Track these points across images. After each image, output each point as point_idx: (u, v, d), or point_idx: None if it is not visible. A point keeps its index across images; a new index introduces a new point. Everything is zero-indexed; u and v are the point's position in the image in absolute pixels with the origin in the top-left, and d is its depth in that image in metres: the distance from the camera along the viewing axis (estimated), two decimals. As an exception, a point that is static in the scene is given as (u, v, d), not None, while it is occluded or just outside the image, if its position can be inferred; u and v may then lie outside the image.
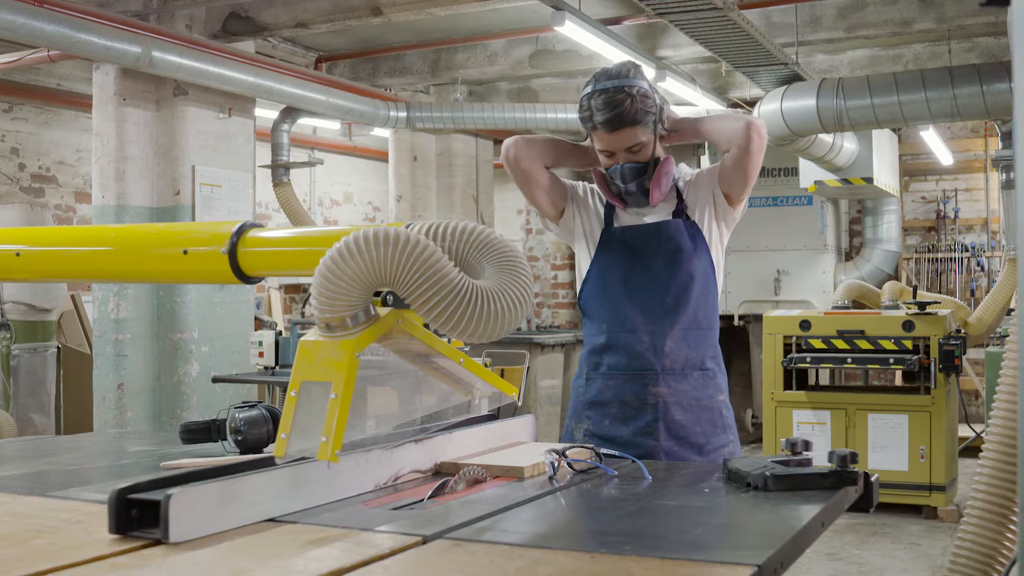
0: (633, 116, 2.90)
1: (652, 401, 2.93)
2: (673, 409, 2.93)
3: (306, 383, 1.95)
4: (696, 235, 2.99)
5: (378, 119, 9.58)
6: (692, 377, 2.96)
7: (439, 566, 1.63)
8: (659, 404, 2.93)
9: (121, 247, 2.61)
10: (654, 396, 2.93)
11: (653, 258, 2.97)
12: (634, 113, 2.90)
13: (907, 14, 8.08)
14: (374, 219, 14.42)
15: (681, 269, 2.95)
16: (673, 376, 2.94)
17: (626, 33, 8.59)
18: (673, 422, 2.92)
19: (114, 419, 7.53)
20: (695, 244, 2.98)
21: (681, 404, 2.93)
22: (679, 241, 2.95)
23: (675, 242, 2.95)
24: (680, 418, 2.92)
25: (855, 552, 6.64)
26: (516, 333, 9.98)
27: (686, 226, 3.00)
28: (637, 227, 3.02)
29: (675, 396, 2.93)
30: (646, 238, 2.98)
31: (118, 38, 6.75)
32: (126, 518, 1.76)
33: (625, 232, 3.02)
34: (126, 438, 3.62)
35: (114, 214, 7.53)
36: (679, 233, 2.97)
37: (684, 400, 2.94)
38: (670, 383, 2.93)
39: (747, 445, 11.01)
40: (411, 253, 1.91)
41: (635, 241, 2.99)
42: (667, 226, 2.99)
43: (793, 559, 1.76)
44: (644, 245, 2.99)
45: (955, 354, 7.42)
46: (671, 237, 2.95)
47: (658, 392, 2.93)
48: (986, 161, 12.26)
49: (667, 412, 2.92)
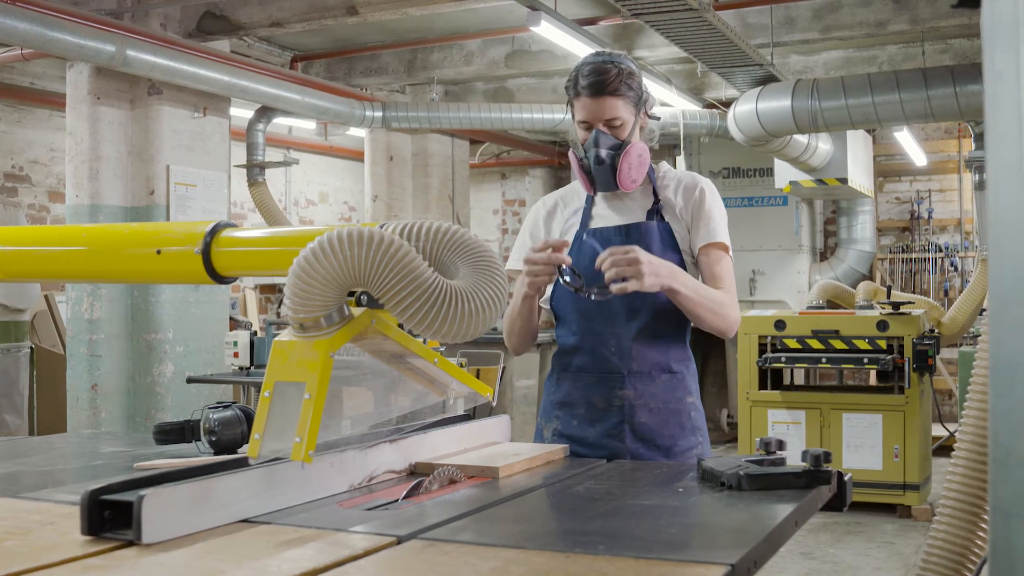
0: (616, 86, 2.90)
1: (618, 404, 2.92)
2: (639, 412, 2.92)
3: (280, 383, 1.95)
4: (668, 237, 2.97)
5: (354, 119, 9.56)
6: (659, 380, 2.95)
7: (413, 566, 1.63)
8: (625, 407, 2.92)
9: (94, 247, 2.59)
10: (620, 399, 2.92)
11: None
12: (618, 84, 2.91)
13: (881, 16, 8.12)
14: (350, 219, 14.39)
15: None
16: (640, 379, 2.93)
17: (602, 33, 8.60)
18: (640, 424, 2.91)
19: (88, 420, 7.49)
20: (665, 246, 2.95)
21: (648, 407, 2.93)
22: (648, 244, 2.91)
23: (645, 244, 2.91)
24: (647, 420, 2.92)
25: (829, 551, 6.67)
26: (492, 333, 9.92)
27: (659, 228, 2.98)
28: (607, 229, 3.01)
29: (642, 399, 2.92)
30: (616, 240, 2.96)
31: (92, 37, 6.72)
32: (98, 519, 1.75)
33: (596, 234, 3.01)
34: (100, 439, 3.60)
35: (88, 214, 7.50)
36: (649, 235, 2.95)
37: (651, 403, 2.93)
38: (636, 386, 2.93)
39: (722, 445, 11.05)
40: (385, 253, 1.91)
41: (605, 244, 2.96)
42: (636, 228, 2.97)
43: (766, 558, 1.76)
44: (610, 245, 2.96)
45: (929, 354, 7.46)
46: (640, 240, 2.93)
47: (624, 395, 2.92)
48: (960, 162, 12.34)
49: (633, 415, 2.92)
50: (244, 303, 12.02)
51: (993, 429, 1.37)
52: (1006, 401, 1.36)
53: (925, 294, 12.07)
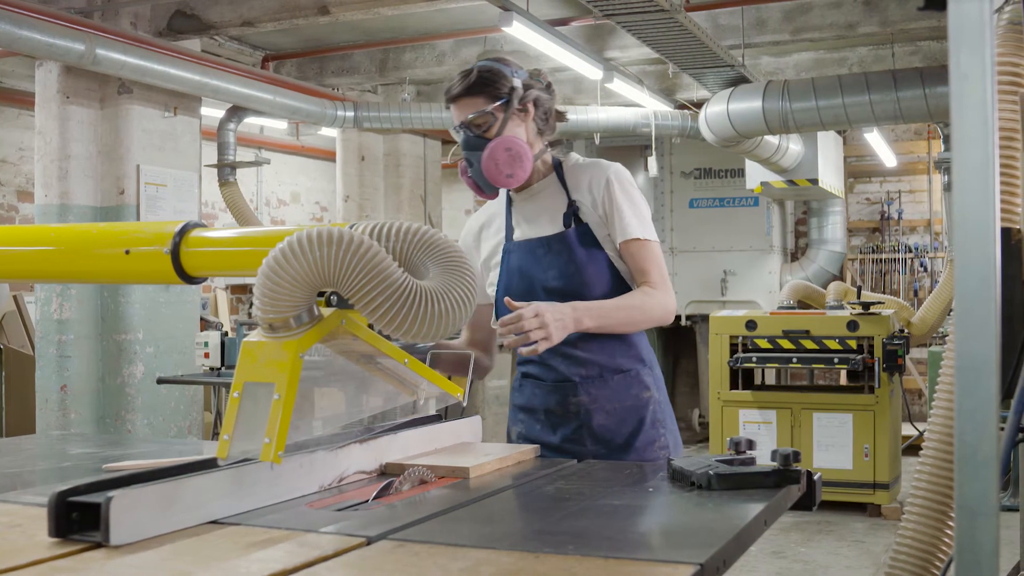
0: (473, 88, 2.88)
1: (575, 410, 2.92)
2: (596, 415, 2.91)
3: (249, 384, 1.94)
4: (588, 239, 2.92)
5: (325, 119, 9.54)
6: (612, 381, 2.93)
7: (383, 567, 1.63)
8: (582, 412, 2.91)
9: (62, 247, 2.58)
10: (576, 405, 2.92)
11: (547, 271, 2.91)
12: (478, 85, 2.88)
13: (851, 17, 8.17)
14: (321, 219, 14.35)
15: (575, 280, 2.88)
16: (592, 383, 2.92)
17: (574, 34, 8.60)
18: (598, 427, 2.91)
19: (57, 421, 7.44)
20: (589, 252, 2.91)
21: (604, 409, 2.92)
22: (570, 252, 2.89)
23: (566, 255, 2.89)
24: (604, 422, 2.91)
25: (800, 550, 6.70)
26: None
27: (577, 234, 2.92)
28: (531, 241, 2.97)
29: (596, 402, 2.91)
30: (537, 253, 2.94)
31: (61, 35, 6.67)
32: (66, 521, 1.74)
33: (520, 246, 2.98)
34: (69, 440, 3.58)
35: (57, 214, 7.45)
36: (571, 243, 2.91)
37: (607, 405, 2.92)
38: (590, 391, 2.92)
39: (694, 444, 11.08)
40: (354, 253, 1.90)
41: (527, 257, 2.95)
42: (556, 240, 2.93)
43: (736, 557, 1.77)
44: (536, 260, 2.94)
45: (898, 353, 7.51)
46: (560, 251, 2.90)
47: (579, 401, 2.92)
48: (929, 163, 12.43)
49: (590, 419, 2.91)
50: (215, 303, 11.97)
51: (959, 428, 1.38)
52: (971, 400, 1.38)
53: (895, 294, 12.15)
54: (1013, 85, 2.67)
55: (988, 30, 1.37)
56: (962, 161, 1.39)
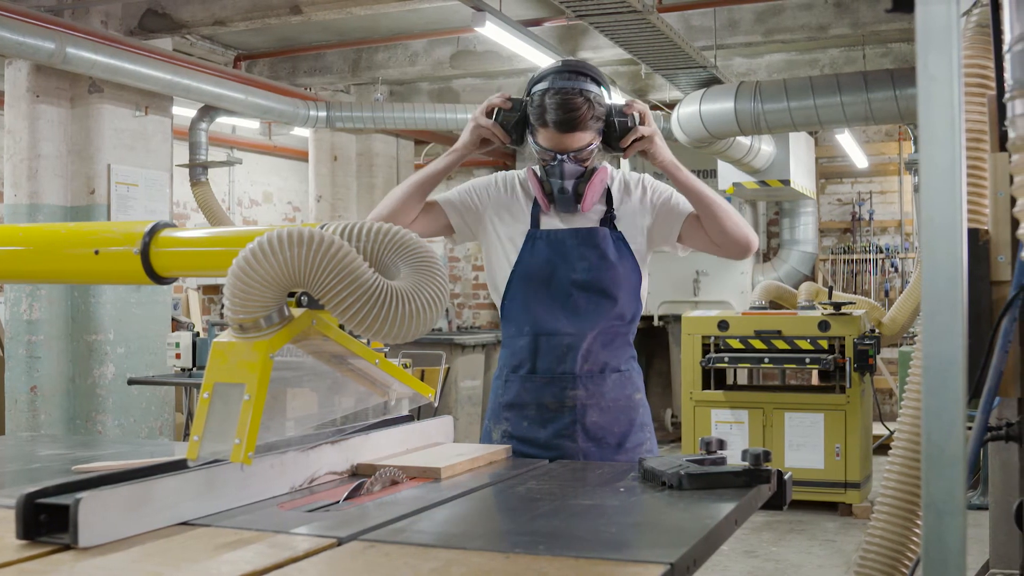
0: (587, 121, 2.90)
1: (570, 404, 2.94)
2: (591, 411, 2.94)
3: (219, 384, 1.93)
4: (621, 245, 2.99)
5: (298, 118, 9.52)
6: (610, 379, 2.97)
7: (353, 568, 1.62)
8: (577, 407, 2.94)
9: (30, 247, 2.56)
10: (572, 399, 2.94)
11: (577, 263, 2.95)
12: (589, 118, 2.90)
13: (823, 19, 8.22)
14: (294, 219, 14.31)
15: (604, 276, 2.94)
16: (591, 379, 2.95)
17: (547, 35, 8.62)
18: (591, 424, 2.93)
19: (27, 422, 7.40)
20: (620, 253, 2.97)
21: (599, 406, 2.95)
22: (604, 248, 2.94)
23: (600, 249, 2.94)
24: (598, 419, 2.94)
25: (772, 549, 6.73)
26: (437, 334, 9.97)
27: (612, 236, 2.99)
28: (562, 231, 3.01)
29: (593, 399, 2.94)
30: (571, 243, 2.97)
31: (31, 34, 6.63)
32: (34, 523, 1.72)
33: (550, 235, 3.01)
34: (38, 441, 3.56)
35: (26, 214, 7.40)
36: (604, 241, 2.96)
37: (602, 402, 2.95)
38: (588, 386, 2.94)
39: (666, 444, 11.11)
40: (324, 254, 1.90)
41: (559, 245, 2.97)
42: (594, 233, 2.98)
43: (706, 557, 1.78)
44: (569, 250, 2.97)
45: (869, 353, 7.55)
46: (597, 244, 2.95)
47: (576, 395, 2.94)
48: (900, 164, 12.50)
49: (585, 414, 2.93)
50: (187, 304, 11.91)
51: (926, 427, 1.39)
52: (938, 399, 1.39)
53: (866, 295, 12.20)
54: (981, 87, 2.69)
55: (955, 32, 1.38)
56: (930, 162, 1.40)
